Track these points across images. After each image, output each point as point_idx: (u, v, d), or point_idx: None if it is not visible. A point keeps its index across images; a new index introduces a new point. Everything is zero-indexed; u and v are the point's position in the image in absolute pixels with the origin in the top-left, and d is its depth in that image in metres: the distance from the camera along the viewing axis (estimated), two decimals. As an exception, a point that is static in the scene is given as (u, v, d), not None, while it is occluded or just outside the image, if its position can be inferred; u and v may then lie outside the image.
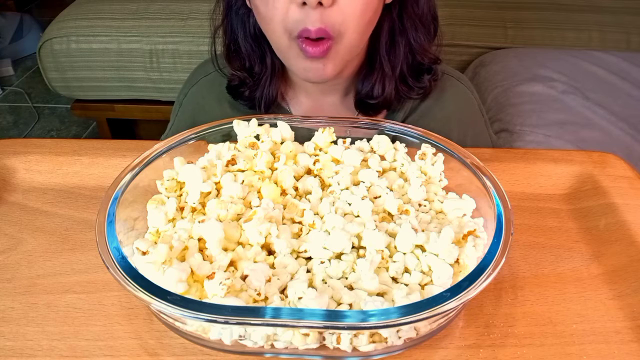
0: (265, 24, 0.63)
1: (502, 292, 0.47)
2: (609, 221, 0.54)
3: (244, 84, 0.71)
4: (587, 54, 1.42)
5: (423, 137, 0.52)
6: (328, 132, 0.53)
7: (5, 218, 0.53)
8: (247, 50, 0.70)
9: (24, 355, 0.41)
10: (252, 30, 0.68)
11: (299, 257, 0.43)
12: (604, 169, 0.61)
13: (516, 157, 0.62)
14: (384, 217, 0.47)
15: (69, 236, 0.51)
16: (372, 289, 0.40)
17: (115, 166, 0.58)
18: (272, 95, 0.72)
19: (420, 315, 0.35)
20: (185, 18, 1.52)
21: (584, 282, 0.48)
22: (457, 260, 0.42)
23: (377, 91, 0.70)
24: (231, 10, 0.70)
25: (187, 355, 0.41)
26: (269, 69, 0.70)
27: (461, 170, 0.50)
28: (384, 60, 0.69)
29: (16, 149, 0.60)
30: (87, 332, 0.42)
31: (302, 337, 0.38)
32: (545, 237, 0.53)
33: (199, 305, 0.35)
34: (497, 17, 1.52)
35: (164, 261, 0.40)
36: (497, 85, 1.34)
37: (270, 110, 0.73)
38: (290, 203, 0.46)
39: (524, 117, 1.23)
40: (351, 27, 0.60)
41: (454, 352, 0.42)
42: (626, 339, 0.43)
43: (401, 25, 0.68)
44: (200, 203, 0.46)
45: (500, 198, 0.45)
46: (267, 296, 0.39)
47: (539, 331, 0.44)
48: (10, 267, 0.48)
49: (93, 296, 0.45)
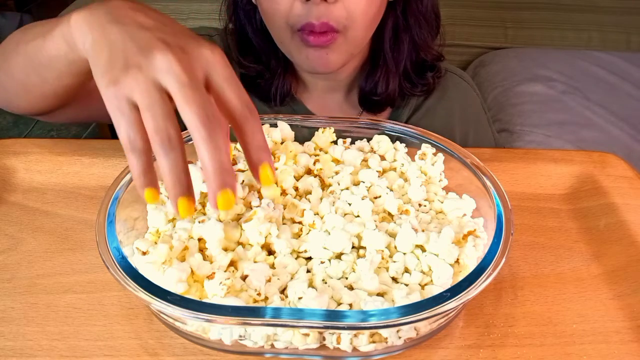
0: (268, 19, 0.63)
1: (502, 292, 0.47)
2: (609, 221, 0.54)
3: (260, 76, 0.71)
4: (587, 54, 1.42)
5: (423, 137, 0.52)
6: (328, 132, 0.53)
7: (5, 218, 0.53)
8: (258, 45, 0.70)
9: (24, 355, 0.41)
10: (259, 25, 0.68)
11: (299, 257, 0.43)
12: (604, 169, 0.61)
13: (516, 157, 0.62)
14: (384, 217, 0.47)
15: (69, 236, 0.51)
16: (372, 289, 0.40)
17: (115, 166, 0.58)
18: (287, 88, 0.72)
19: (420, 315, 0.35)
20: (185, 18, 1.52)
21: (584, 282, 0.48)
22: (457, 260, 0.42)
23: (380, 88, 0.70)
24: (237, 6, 0.70)
25: (187, 355, 0.41)
26: (282, 61, 0.71)
27: (461, 170, 0.50)
28: (388, 56, 0.70)
29: (16, 149, 0.60)
30: (87, 332, 0.42)
31: (302, 337, 0.38)
32: (545, 237, 0.53)
33: (199, 305, 0.35)
34: (497, 17, 1.52)
35: (164, 261, 0.40)
36: (497, 85, 1.34)
37: (285, 102, 0.73)
38: (290, 203, 0.46)
39: (524, 117, 1.23)
40: (356, 22, 0.60)
41: (454, 352, 0.42)
42: (626, 339, 0.43)
43: (405, 22, 0.69)
44: (200, 203, 0.46)
45: (500, 198, 0.45)
46: (267, 296, 0.39)
47: (539, 331, 0.44)
48: (10, 267, 0.48)
49: (93, 296, 0.45)
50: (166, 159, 0.35)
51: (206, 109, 0.35)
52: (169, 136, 0.35)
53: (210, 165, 0.35)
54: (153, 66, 0.35)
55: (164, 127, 0.35)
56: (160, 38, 0.37)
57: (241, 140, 0.38)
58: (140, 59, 0.36)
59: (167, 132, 0.35)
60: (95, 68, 0.38)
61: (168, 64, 0.35)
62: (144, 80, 0.35)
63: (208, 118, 0.35)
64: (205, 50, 0.38)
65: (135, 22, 0.38)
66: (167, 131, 0.35)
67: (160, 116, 0.34)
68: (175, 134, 0.35)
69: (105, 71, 0.37)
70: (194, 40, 0.38)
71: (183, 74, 0.35)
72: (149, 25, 0.38)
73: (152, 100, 0.35)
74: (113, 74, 0.36)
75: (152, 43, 0.36)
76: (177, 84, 0.35)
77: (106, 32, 0.38)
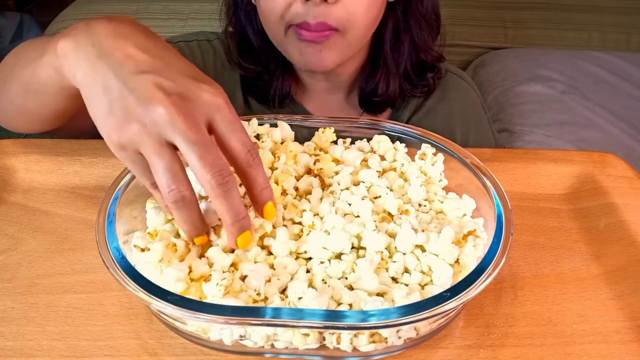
0: (264, 17, 0.63)
1: (502, 292, 0.47)
2: (609, 221, 0.54)
3: (260, 78, 0.71)
4: (587, 54, 1.42)
5: (423, 137, 0.52)
6: (328, 132, 0.53)
7: (5, 218, 0.53)
8: (258, 46, 0.70)
9: (24, 355, 0.41)
10: (260, 26, 0.68)
11: (299, 258, 0.43)
12: (604, 169, 0.61)
13: (516, 157, 0.62)
14: (384, 217, 0.47)
15: (69, 236, 0.51)
16: (372, 289, 0.40)
17: (115, 166, 0.58)
18: (286, 89, 0.72)
19: (420, 315, 0.35)
20: (185, 18, 1.51)
21: (584, 282, 0.48)
22: (457, 260, 0.42)
23: (381, 89, 0.70)
24: (238, 7, 0.70)
25: (187, 355, 0.41)
26: (281, 62, 0.71)
27: (461, 170, 0.50)
28: (388, 57, 0.69)
29: (16, 149, 0.60)
30: (87, 332, 0.42)
31: (302, 337, 0.38)
32: (545, 237, 0.53)
33: (198, 305, 0.35)
34: (497, 17, 1.52)
35: (161, 259, 0.40)
36: (497, 85, 1.34)
37: (285, 104, 0.73)
38: (290, 203, 0.46)
39: (524, 117, 1.23)
40: (357, 22, 0.60)
41: (454, 352, 0.42)
42: (626, 339, 0.43)
43: (405, 23, 0.69)
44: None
45: (500, 198, 0.45)
46: (266, 296, 0.39)
47: (539, 331, 0.44)
48: (10, 267, 0.48)
49: (93, 296, 0.45)
50: (179, 214, 0.38)
51: (219, 167, 0.36)
52: (183, 196, 0.37)
53: (228, 218, 0.37)
54: (154, 121, 0.35)
55: (175, 188, 0.36)
56: (157, 85, 0.36)
57: (244, 182, 0.40)
58: (140, 111, 0.35)
59: (179, 193, 0.36)
60: (91, 106, 0.38)
61: (170, 117, 0.35)
62: (148, 139, 0.35)
63: (222, 176, 0.36)
64: (205, 94, 0.37)
65: (127, 57, 0.37)
66: (179, 191, 0.36)
67: (171, 180, 0.36)
68: (189, 193, 0.37)
69: (104, 116, 0.37)
70: (192, 82, 0.37)
71: (188, 129, 0.35)
72: (142, 63, 0.37)
73: (162, 161, 0.36)
74: (113, 122, 0.36)
75: (149, 92, 0.36)
76: (184, 143, 0.35)
77: (96, 68, 0.38)
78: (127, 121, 0.36)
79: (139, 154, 0.37)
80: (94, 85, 0.38)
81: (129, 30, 0.40)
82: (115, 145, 0.37)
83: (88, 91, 0.38)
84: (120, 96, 0.36)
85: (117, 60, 0.37)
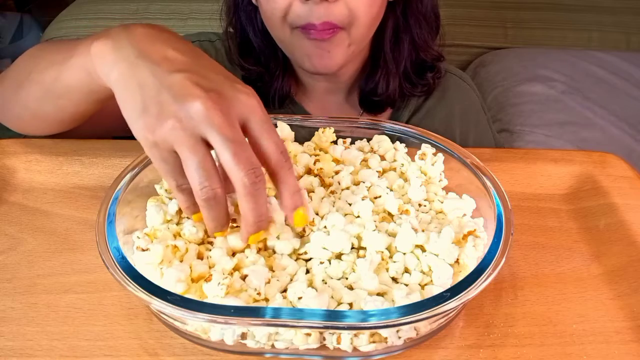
0: (267, 18, 0.63)
1: (502, 292, 0.47)
2: (609, 221, 0.54)
3: (260, 79, 0.71)
4: (587, 54, 1.42)
5: (423, 137, 0.52)
6: (328, 132, 0.53)
7: (5, 218, 0.53)
8: (259, 46, 0.70)
9: (24, 355, 0.41)
10: (260, 26, 0.68)
11: (298, 259, 0.43)
12: (604, 169, 0.61)
13: (516, 157, 0.62)
14: (384, 217, 0.47)
15: (69, 236, 0.51)
16: (372, 289, 0.40)
17: (115, 166, 0.58)
18: (286, 90, 0.72)
19: (420, 315, 0.35)
20: (185, 18, 1.51)
21: (584, 282, 0.48)
22: (457, 260, 0.42)
23: (381, 88, 0.70)
24: (238, 8, 0.70)
25: (187, 355, 0.41)
26: (281, 63, 0.70)
27: (461, 170, 0.50)
28: (388, 57, 0.70)
29: (16, 149, 0.60)
30: (87, 332, 0.42)
31: (302, 337, 0.38)
32: (545, 237, 0.53)
33: (199, 305, 0.35)
34: (497, 17, 1.52)
35: (161, 260, 0.40)
36: (497, 85, 1.34)
37: (284, 105, 0.73)
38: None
39: (524, 117, 1.23)
40: (358, 19, 0.60)
41: (454, 352, 0.42)
42: (626, 339, 0.43)
43: (405, 22, 0.69)
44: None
45: (500, 198, 0.45)
46: (267, 297, 0.39)
47: (539, 331, 0.44)
48: (10, 267, 0.48)
49: (93, 296, 0.45)
50: (209, 212, 0.37)
51: (252, 165, 0.36)
52: (215, 194, 0.36)
53: (251, 217, 0.37)
54: (190, 117, 0.35)
55: (208, 185, 0.36)
56: (194, 82, 0.36)
57: (276, 184, 0.40)
58: (176, 108, 0.35)
59: (212, 190, 0.36)
60: (125, 105, 0.38)
61: (206, 113, 0.35)
62: (183, 135, 0.35)
63: (255, 174, 0.36)
64: (241, 95, 0.37)
65: (165, 59, 0.38)
66: (212, 189, 0.36)
67: (204, 177, 0.36)
68: (220, 190, 0.37)
69: (138, 115, 0.37)
70: (228, 82, 0.38)
71: (224, 126, 0.35)
72: (179, 63, 0.38)
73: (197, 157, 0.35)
74: (148, 120, 0.36)
75: (186, 89, 0.36)
76: (219, 139, 0.35)
77: (134, 67, 0.38)
78: (162, 118, 0.36)
79: (171, 153, 0.36)
80: (130, 83, 0.38)
81: (164, 35, 0.41)
82: (148, 143, 0.37)
83: (123, 90, 0.38)
84: (157, 94, 0.36)
85: (155, 61, 0.38)
